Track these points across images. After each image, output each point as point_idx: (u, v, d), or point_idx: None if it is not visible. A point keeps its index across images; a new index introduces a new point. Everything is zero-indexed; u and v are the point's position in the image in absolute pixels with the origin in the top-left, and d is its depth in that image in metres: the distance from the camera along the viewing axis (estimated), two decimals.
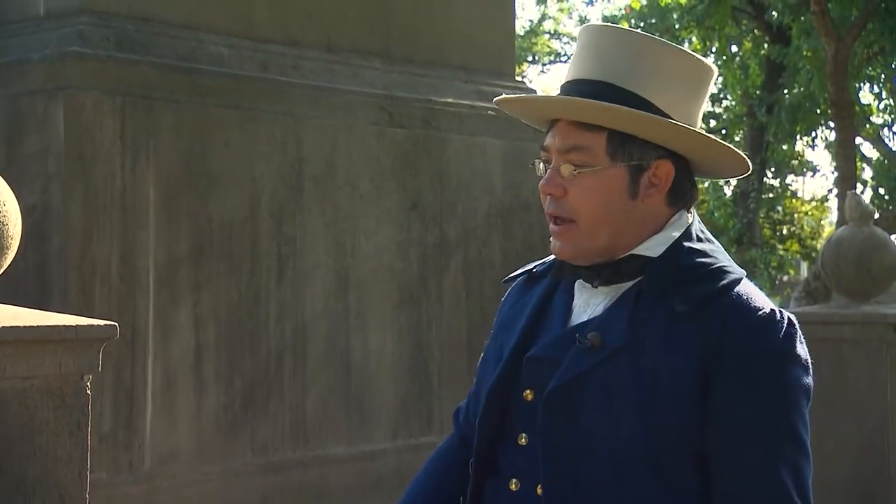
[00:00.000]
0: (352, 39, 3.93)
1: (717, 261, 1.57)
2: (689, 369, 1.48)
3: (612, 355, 1.52)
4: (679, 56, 1.59)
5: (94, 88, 3.18)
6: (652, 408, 1.48)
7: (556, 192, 1.56)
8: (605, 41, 1.59)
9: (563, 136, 1.57)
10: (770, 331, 1.50)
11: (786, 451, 1.48)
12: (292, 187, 3.60)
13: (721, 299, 1.51)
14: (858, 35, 10.53)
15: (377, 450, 3.75)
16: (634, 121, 1.53)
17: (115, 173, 3.21)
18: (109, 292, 3.16)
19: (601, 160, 1.54)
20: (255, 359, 3.46)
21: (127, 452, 3.18)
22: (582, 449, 1.52)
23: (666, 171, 1.57)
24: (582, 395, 1.53)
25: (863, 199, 4.88)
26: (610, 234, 1.56)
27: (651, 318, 1.52)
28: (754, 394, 1.48)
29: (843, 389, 4.49)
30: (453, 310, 3.98)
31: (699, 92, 1.60)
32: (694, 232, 1.60)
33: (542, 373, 1.57)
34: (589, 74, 1.57)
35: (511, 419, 1.61)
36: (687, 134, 1.56)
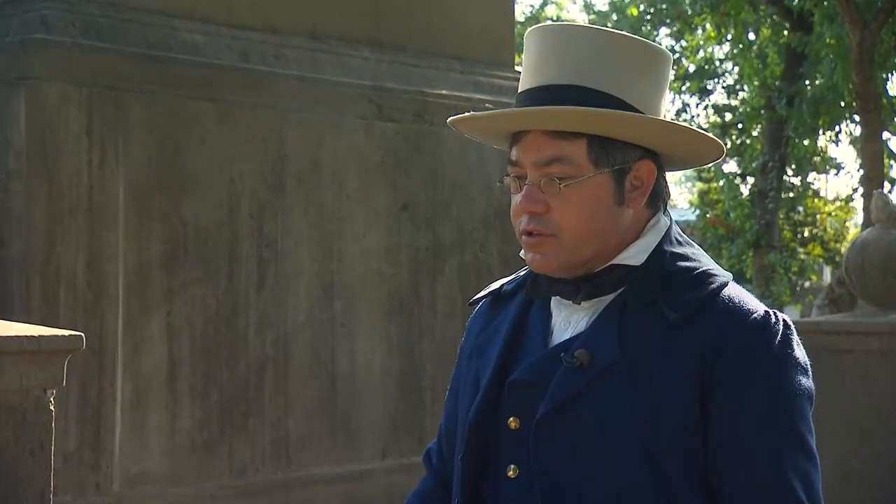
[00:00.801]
0: (338, 26, 3.93)
1: (701, 264, 1.59)
2: (687, 381, 1.50)
3: (603, 373, 1.52)
4: (637, 47, 1.60)
5: (58, 79, 3.17)
6: (652, 430, 1.49)
7: (538, 209, 1.55)
8: (564, 41, 1.59)
9: (539, 149, 1.55)
10: (765, 335, 1.52)
11: (793, 460, 1.49)
12: (274, 187, 3.60)
13: (712, 305, 1.53)
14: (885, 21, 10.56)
15: (365, 470, 3.75)
16: (617, 123, 1.54)
17: (82, 171, 3.20)
18: (75, 300, 3.16)
19: (585, 169, 1.54)
20: (234, 372, 3.46)
21: (94, 473, 3.17)
22: (580, 479, 1.52)
23: (648, 171, 1.59)
24: (575, 419, 1.52)
25: (890, 198, 4.89)
26: (595, 246, 1.57)
27: (641, 330, 1.53)
28: (755, 403, 1.50)
29: (869, 405, 4.50)
30: (447, 319, 3.98)
31: (661, 81, 1.62)
32: (673, 235, 1.62)
33: (527, 398, 1.56)
34: (555, 79, 1.56)
35: (496, 451, 1.61)
36: (666, 128, 1.58)
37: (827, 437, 4.63)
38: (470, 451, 1.63)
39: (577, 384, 1.53)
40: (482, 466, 1.63)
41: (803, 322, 5.14)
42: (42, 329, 2.04)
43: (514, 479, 1.58)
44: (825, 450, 5.06)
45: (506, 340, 1.65)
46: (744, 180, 19.21)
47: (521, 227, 1.59)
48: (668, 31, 19.26)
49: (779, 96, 16.15)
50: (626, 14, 18.76)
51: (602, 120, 1.53)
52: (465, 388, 1.70)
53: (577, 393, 1.53)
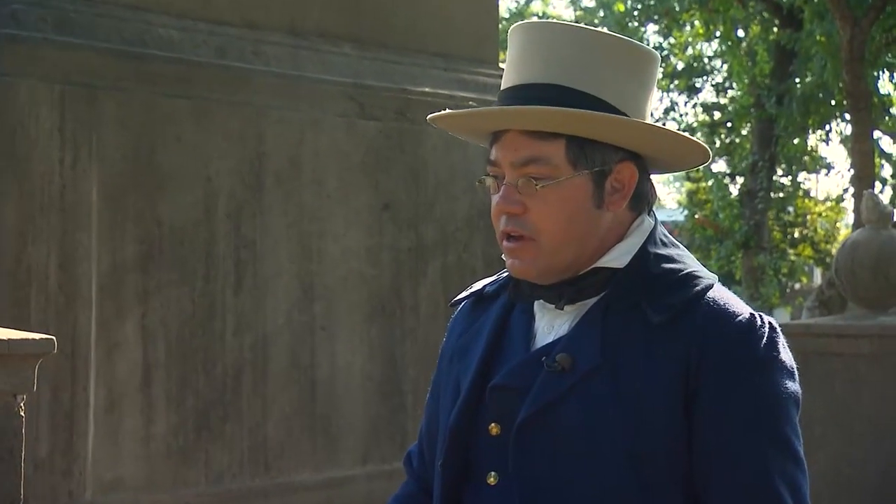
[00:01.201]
0: (318, 22, 3.93)
1: (686, 266, 1.59)
2: (671, 385, 1.50)
3: (586, 377, 1.53)
4: (623, 47, 1.60)
5: (29, 75, 3.16)
6: (636, 433, 1.49)
7: (515, 210, 1.56)
8: (545, 39, 1.59)
9: (517, 148, 1.56)
10: (751, 338, 1.52)
11: (780, 464, 1.50)
12: (252, 186, 3.59)
13: (696, 307, 1.53)
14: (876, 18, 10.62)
15: (346, 476, 3.74)
16: (596, 124, 1.54)
17: (54, 170, 3.19)
18: (46, 303, 3.14)
19: (563, 170, 1.55)
20: (210, 377, 3.45)
21: (66, 480, 3.15)
22: (562, 484, 1.52)
23: (629, 174, 1.59)
24: (556, 425, 1.53)
25: (881, 199, 4.92)
26: (575, 250, 1.57)
27: (625, 334, 1.53)
28: (740, 407, 1.50)
29: (859, 409, 4.52)
30: (430, 321, 3.98)
31: (648, 83, 1.62)
32: (658, 237, 1.62)
33: (508, 403, 1.57)
34: (535, 78, 1.57)
35: (477, 457, 1.61)
36: (648, 131, 1.58)
37: (817, 442, 4.66)
38: (450, 458, 1.63)
39: (559, 389, 1.53)
40: (462, 472, 1.63)
41: (793, 325, 5.16)
42: (12, 332, 2.03)
43: (494, 486, 1.58)
44: (815, 454, 5.11)
45: (487, 344, 1.65)
46: (733, 180, 19.29)
47: (500, 229, 1.60)
48: (656, 28, 19.31)
49: (768, 94, 16.21)
50: (612, 10, 18.80)
51: (580, 121, 1.53)
52: (445, 391, 1.70)
53: (559, 397, 1.53)
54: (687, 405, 1.50)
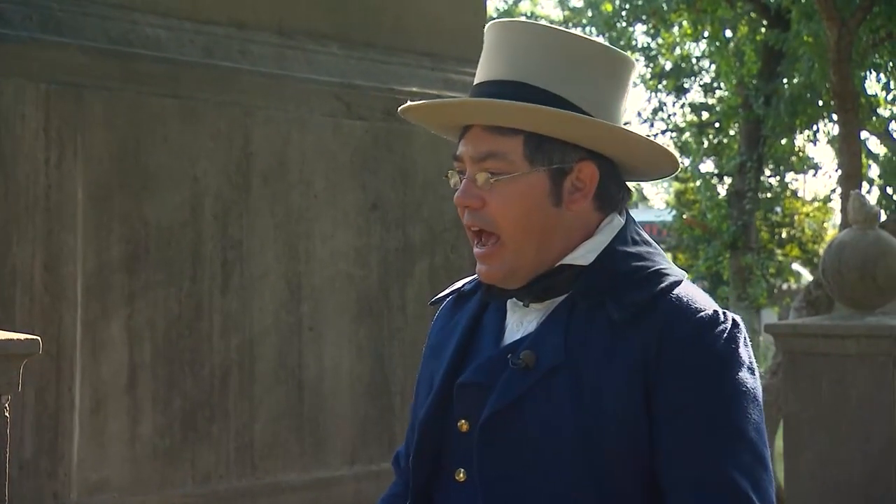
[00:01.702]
0: (306, 21, 3.92)
1: (654, 264, 1.60)
2: (632, 382, 1.51)
3: (548, 374, 1.54)
4: (596, 50, 1.61)
5: (14, 75, 3.15)
6: (596, 430, 1.50)
7: (473, 203, 1.59)
8: (514, 38, 1.61)
9: (477, 143, 1.59)
10: (711, 333, 1.53)
11: (737, 456, 1.49)
12: (239, 186, 3.58)
13: (659, 304, 1.54)
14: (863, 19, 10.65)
15: (333, 477, 3.74)
16: (552, 120, 1.55)
17: (39, 170, 3.18)
18: (31, 303, 3.13)
19: (519, 165, 1.57)
20: (197, 377, 3.45)
21: (51, 482, 3.15)
22: (524, 482, 1.53)
23: (590, 174, 1.60)
24: (519, 422, 1.54)
25: (868, 199, 4.93)
26: (537, 247, 1.58)
27: (588, 331, 1.55)
28: (697, 401, 1.50)
29: (845, 410, 4.53)
30: (418, 322, 3.97)
31: (620, 88, 1.63)
32: (628, 235, 1.63)
33: (475, 400, 1.59)
34: (500, 75, 1.60)
35: (447, 454, 1.63)
36: (609, 131, 1.58)
37: (804, 442, 4.67)
38: (420, 454, 1.65)
39: (522, 386, 1.55)
40: (434, 468, 1.64)
41: (779, 325, 5.17)
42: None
43: (462, 483, 1.59)
44: (802, 454, 5.11)
45: (459, 341, 1.68)
46: (721, 180, 19.33)
47: (466, 223, 1.62)
48: (644, 28, 19.34)
49: (756, 95, 16.26)
50: (600, 10, 18.82)
51: (535, 116, 1.54)
52: (422, 389, 1.72)
53: (522, 395, 1.55)
54: (647, 401, 1.51)
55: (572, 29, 20.32)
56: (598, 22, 18.77)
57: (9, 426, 1.95)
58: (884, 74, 13.93)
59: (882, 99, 15.93)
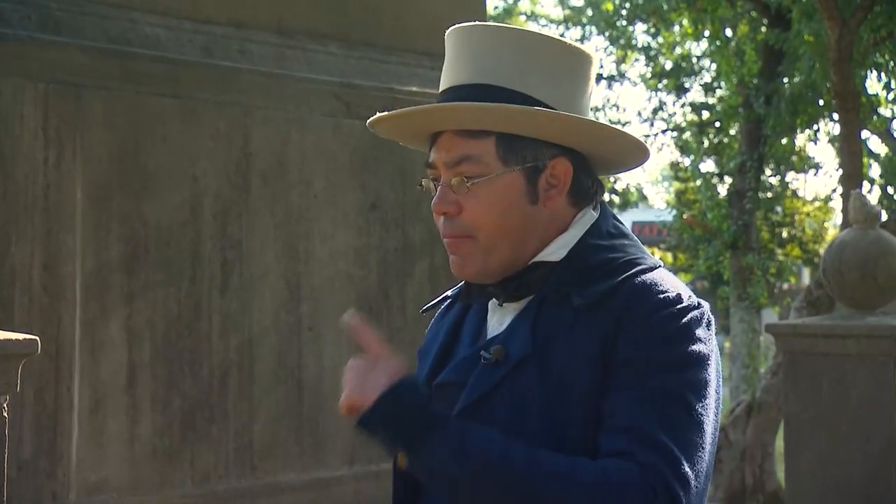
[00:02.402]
0: (305, 21, 3.92)
1: (625, 255, 1.60)
2: (593, 366, 1.51)
3: (516, 367, 1.55)
4: (557, 47, 1.62)
5: (13, 74, 3.15)
6: (561, 420, 1.51)
7: (450, 210, 1.59)
8: (475, 41, 1.62)
9: (449, 149, 1.60)
10: (671, 312, 1.52)
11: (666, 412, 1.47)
12: (238, 186, 3.59)
13: (623, 288, 1.54)
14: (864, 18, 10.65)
15: (333, 477, 3.74)
16: (521, 118, 1.56)
17: (38, 170, 3.18)
18: (30, 303, 3.14)
19: (494, 167, 1.57)
20: (196, 377, 3.45)
21: (50, 482, 3.15)
22: None
23: (564, 170, 1.61)
24: (490, 415, 1.55)
25: (868, 199, 4.93)
26: (512, 246, 1.59)
27: (555, 323, 1.56)
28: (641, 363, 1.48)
29: (846, 410, 4.53)
30: (417, 323, 3.98)
31: (583, 82, 1.64)
32: (603, 228, 1.63)
33: (451, 398, 1.61)
34: (464, 79, 1.61)
35: None
36: (578, 124, 1.59)
37: (804, 443, 4.67)
38: None
39: (492, 381, 1.57)
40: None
41: (780, 325, 5.18)
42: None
43: None
44: (802, 454, 5.12)
45: (441, 344, 1.71)
46: (721, 180, 19.32)
47: (443, 233, 1.63)
48: (644, 28, 19.34)
49: (756, 94, 16.24)
50: (600, 9, 18.82)
51: (503, 116, 1.55)
52: None
53: (491, 388, 1.57)
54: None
55: (572, 29, 20.34)
56: (599, 21, 18.76)
57: (7, 426, 1.96)
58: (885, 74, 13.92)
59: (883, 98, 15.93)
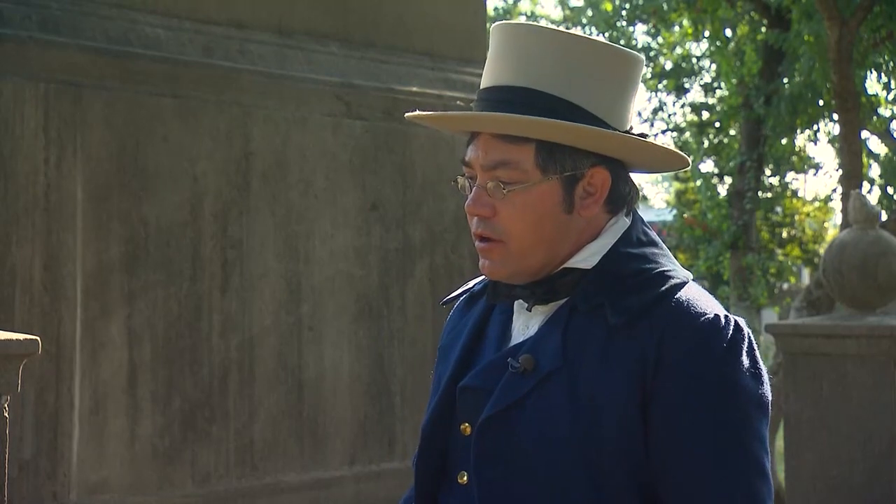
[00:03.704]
0: (305, 21, 3.92)
1: (657, 265, 1.58)
2: (628, 389, 1.49)
3: (546, 378, 1.53)
4: (605, 52, 1.60)
5: (13, 74, 3.15)
6: (592, 436, 1.50)
7: (485, 213, 1.58)
8: (522, 42, 1.59)
9: (487, 151, 1.57)
10: (712, 339, 1.50)
11: (737, 471, 1.47)
12: (238, 186, 3.59)
13: (659, 307, 1.52)
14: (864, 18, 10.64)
15: (333, 477, 3.74)
16: (565, 132, 1.54)
17: (38, 170, 3.18)
18: (31, 303, 3.13)
19: (532, 175, 1.55)
20: (197, 377, 3.45)
21: (50, 482, 3.14)
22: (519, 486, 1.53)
23: (602, 179, 1.59)
24: (517, 426, 1.54)
25: (868, 199, 4.93)
26: (544, 254, 1.58)
27: (586, 335, 1.54)
28: (696, 411, 1.48)
29: (846, 410, 4.53)
30: (418, 322, 3.98)
31: (629, 88, 1.62)
32: (634, 235, 1.62)
33: (476, 403, 1.58)
34: (509, 80, 1.58)
35: (450, 456, 1.63)
36: (623, 142, 1.57)
37: (804, 442, 4.67)
38: (425, 457, 1.65)
39: (521, 390, 1.55)
40: (439, 471, 1.64)
41: (780, 325, 5.17)
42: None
43: (465, 486, 1.59)
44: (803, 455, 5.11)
45: (465, 344, 1.68)
46: (721, 180, 19.32)
47: (474, 231, 1.61)
48: (644, 28, 19.34)
49: (756, 94, 16.25)
50: (600, 9, 18.82)
51: (547, 127, 1.53)
52: (431, 393, 1.72)
53: (520, 399, 1.55)
54: (644, 407, 1.50)
55: (572, 29, 20.33)
56: (598, 21, 18.76)
57: (8, 426, 1.96)
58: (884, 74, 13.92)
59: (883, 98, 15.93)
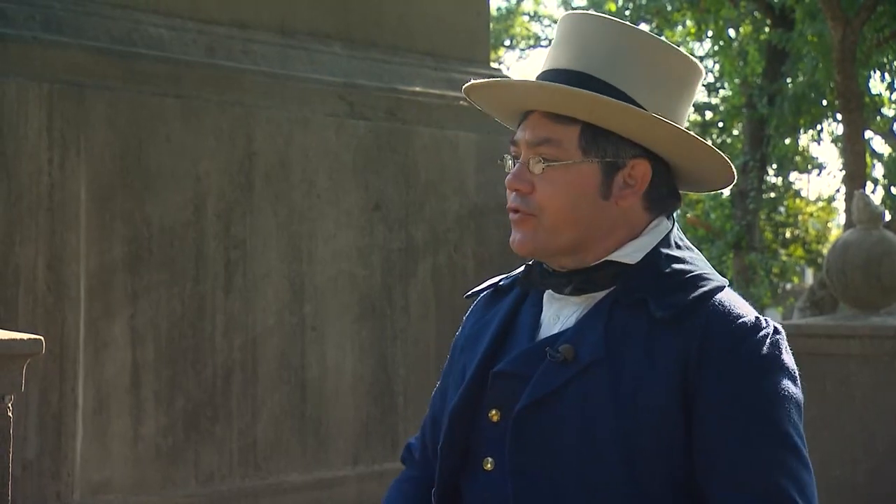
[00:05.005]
0: (308, 21, 3.93)
1: (696, 268, 1.61)
2: (670, 385, 1.51)
3: (586, 369, 1.54)
4: (666, 52, 1.63)
5: (17, 74, 3.15)
6: (631, 430, 1.51)
7: (523, 188, 1.60)
8: (586, 30, 1.63)
9: (534, 129, 1.60)
10: (753, 339, 1.53)
11: (783, 460, 1.50)
12: (241, 186, 3.59)
13: (701, 308, 1.55)
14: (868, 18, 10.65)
15: (336, 477, 3.74)
16: (609, 112, 1.56)
17: (42, 170, 3.18)
18: (35, 303, 3.14)
19: (573, 154, 1.58)
20: (200, 377, 3.45)
21: (54, 482, 3.15)
22: (555, 475, 1.54)
23: (642, 172, 1.60)
24: (554, 414, 1.55)
25: (872, 199, 4.93)
26: (575, 234, 1.59)
27: (629, 329, 1.55)
28: (742, 406, 1.51)
29: (849, 410, 4.53)
30: (421, 322, 3.98)
31: (686, 93, 1.64)
32: (673, 239, 1.64)
33: (509, 390, 1.59)
34: (566, 64, 1.61)
35: (476, 443, 1.63)
36: (666, 129, 1.58)
37: (808, 443, 4.67)
38: (450, 441, 1.66)
39: (560, 379, 1.56)
40: (462, 457, 1.65)
41: (783, 325, 5.18)
42: (0, 332, 2.03)
43: (490, 473, 1.60)
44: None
45: (495, 333, 1.68)
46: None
47: (509, 205, 1.63)
48: (648, 28, 19.34)
49: (760, 94, 16.24)
50: (603, 10, 18.82)
51: (590, 105, 1.55)
52: (453, 380, 1.72)
53: (559, 388, 1.55)
54: (686, 403, 1.51)
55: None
56: None
57: (12, 426, 1.96)
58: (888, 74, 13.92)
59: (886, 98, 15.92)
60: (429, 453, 1.78)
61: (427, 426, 1.80)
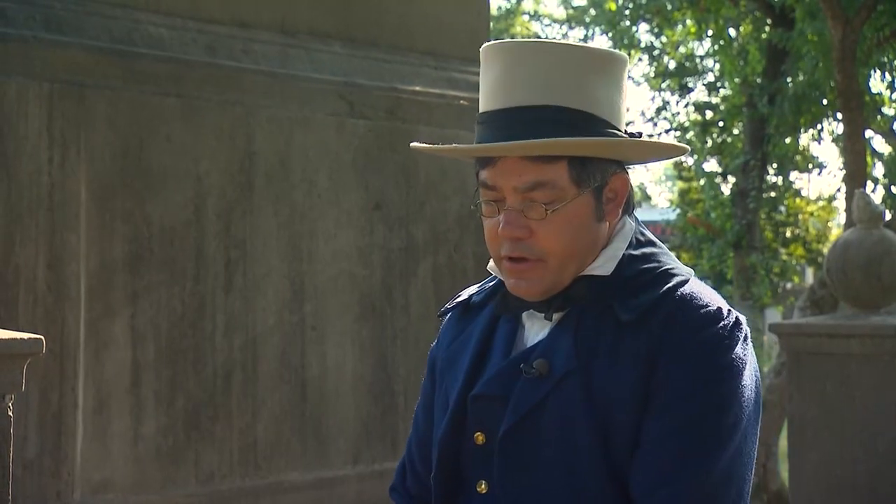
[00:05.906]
0: (309, 21, 3.93)
1: (660, 265, 1.60)
2: (637, 388, 1.50)
3: (561, 382, 1.53)
4: (599, 56, 1.61)
5: (17, 74, 3.15)
6: (609, 432, 1.50)
7: (522, 235, 1.56)
8: (526, 58, 1.57)
9: (520, 174, 1.54)
10: (711, 326, 1.52)
11: (709, 447, 1.48)
12: (242, 185, 3.59)
13: (664, 303, 1.54)
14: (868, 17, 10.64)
15: (336, 477, 3.74)
16: (598, 147, 1.55)
17: (42, 170, 3.18)
18: (35, 303, 3.14)
19: (568, 191, 1.55)
20: (200, 377, 3.45)
21: (54, 481, 3.15)
22: (542, 492, 1.53)
23: (622, 183, 1.61)
24: (537, 429, 1.54)
25: (872, 198, 4.93)
26: (577, 265, 1.59)
27: (597, 335, 1.55)
28: (681, 388, 1.49)
29: (850, 409, 4.53)
30: (421, 322, 3.98)
31: (623, 87, 1.64)
32: (634, 237, 1.63)
33: (490, 411, 1.58)
34: (526, 100, 1.54)
35: (466, 467, 1.63)
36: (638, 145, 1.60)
37: (808, 443, 4.67)
38: (442, 470, 1.65)
39: (537, 395, 1.55)
40: (456, 482, 1.64)
41: (784, 324, 5.18)
42: (0, 332, 2.03)
43: (485, 495, 1.60)
44: (806, 455, 5.12)
45: (473, 354, 1.67)
46: (724, 179, 19.32)
47: (502, 253, 1.59)
48: (648, 27, 19.34)
49: (760, 94, 16.24)
50: (603, 9, 18.81)
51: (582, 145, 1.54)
52: (438, 405, 1.71)
53: (538, 404, 1.55)
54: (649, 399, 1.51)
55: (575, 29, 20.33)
56: (602, 21, 18.76)
57: (12, 425, 1.96)
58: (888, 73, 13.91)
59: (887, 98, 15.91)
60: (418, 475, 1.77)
61: (413, 447, 1.80)
